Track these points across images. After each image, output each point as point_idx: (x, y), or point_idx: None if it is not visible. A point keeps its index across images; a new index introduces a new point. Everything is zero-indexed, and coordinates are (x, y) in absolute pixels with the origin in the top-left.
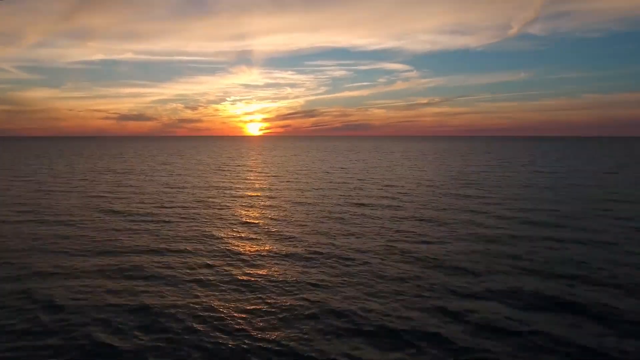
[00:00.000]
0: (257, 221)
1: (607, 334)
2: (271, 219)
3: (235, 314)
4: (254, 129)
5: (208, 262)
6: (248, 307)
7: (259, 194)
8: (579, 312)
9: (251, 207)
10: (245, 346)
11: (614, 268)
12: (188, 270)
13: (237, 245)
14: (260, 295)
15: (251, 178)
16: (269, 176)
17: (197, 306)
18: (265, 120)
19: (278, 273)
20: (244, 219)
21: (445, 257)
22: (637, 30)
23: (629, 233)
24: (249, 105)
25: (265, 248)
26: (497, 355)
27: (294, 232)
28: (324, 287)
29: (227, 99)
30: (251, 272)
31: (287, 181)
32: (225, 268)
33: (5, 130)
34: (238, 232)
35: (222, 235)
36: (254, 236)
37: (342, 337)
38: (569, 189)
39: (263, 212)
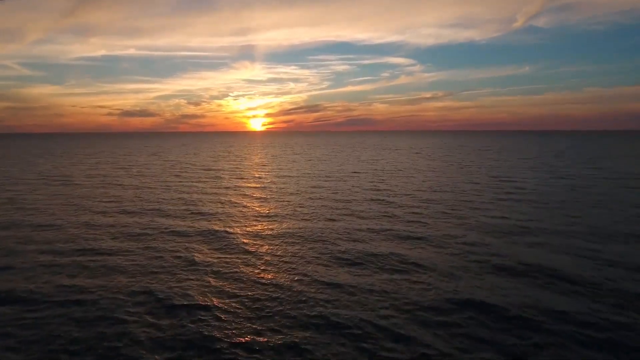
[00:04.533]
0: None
1: None
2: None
3: None
4: (257, 125)
5: None
6: None
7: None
8: None
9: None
10: None
11: None
12: None
13: None
14: None
15: (215, 197)
16: (246, 191)
17: None
18: (268, 115)
19: None
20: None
21: None
22: None
23: None
24: (251, 101)
25: None
26: None
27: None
28: None
29: (230, 94)
30: None
31: (271, 197)
32: None
33: (9, 127)
34: None
35: None
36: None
37: None
38: None
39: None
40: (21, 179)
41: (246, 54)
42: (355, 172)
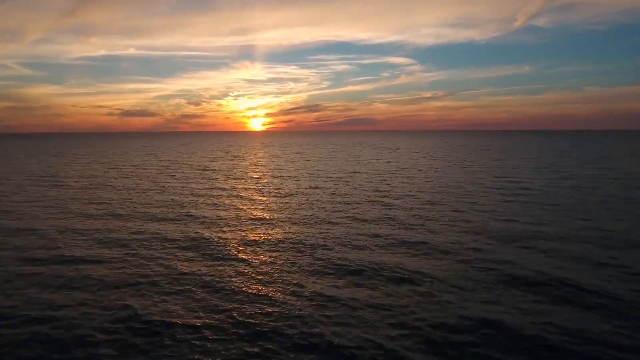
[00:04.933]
0: None
1: None
2: None
3: None
4: (257, 124)
5: None
6: None
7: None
8: None
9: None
10: None
11: None
12: None
13: None
14: None
15: (209, 199)
16: (242, 193)
17: None
18: (268, 115)
19: None
20: None
21: None
22: None
23: None
24: (252, 101)
25: None
26: None
27: None
28: None
29: (230, 94)
30: None
31: (268, 199)
32: None
33: (9, 127)
34: None
35: None
36: None
37: None
38: None
39: None
40: (8, 180)
41: (246, 54)
42: (355, 172)
